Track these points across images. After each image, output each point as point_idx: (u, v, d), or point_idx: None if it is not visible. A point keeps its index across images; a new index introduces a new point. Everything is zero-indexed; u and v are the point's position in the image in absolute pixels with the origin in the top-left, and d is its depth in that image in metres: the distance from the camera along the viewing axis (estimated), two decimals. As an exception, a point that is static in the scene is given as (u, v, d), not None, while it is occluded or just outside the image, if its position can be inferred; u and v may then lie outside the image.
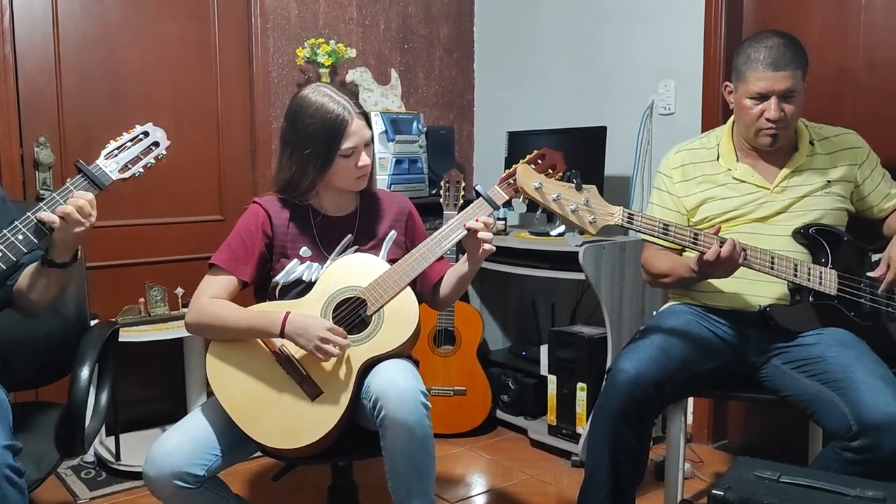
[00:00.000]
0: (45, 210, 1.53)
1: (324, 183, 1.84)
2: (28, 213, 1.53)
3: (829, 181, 2.01)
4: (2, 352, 1.57)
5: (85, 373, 1.74)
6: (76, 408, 1.71)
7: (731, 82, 2.03)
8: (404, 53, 3.59)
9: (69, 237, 1.54)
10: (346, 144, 1.78)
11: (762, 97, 1.93)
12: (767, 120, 1.93)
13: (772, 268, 1.86)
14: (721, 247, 1.78)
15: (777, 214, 2.00)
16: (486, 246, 1.78)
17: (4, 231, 1.52)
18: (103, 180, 1.59)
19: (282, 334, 1.70)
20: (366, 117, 1.84)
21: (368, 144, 1.84)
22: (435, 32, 3.69)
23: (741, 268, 1.83)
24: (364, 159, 1.81)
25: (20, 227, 1.53)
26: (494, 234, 3.05)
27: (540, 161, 1.87)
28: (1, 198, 1.74)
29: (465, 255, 1.85)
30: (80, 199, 1.53)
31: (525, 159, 1.88)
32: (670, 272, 2.02)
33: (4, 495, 1.41)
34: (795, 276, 1.88)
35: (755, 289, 1.97)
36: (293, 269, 1.84)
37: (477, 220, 1.78)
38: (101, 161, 1.60)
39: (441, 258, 1.87)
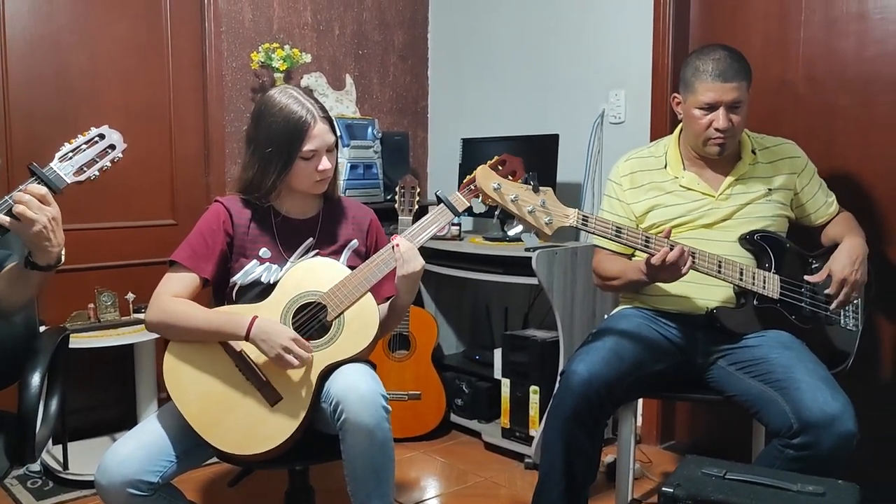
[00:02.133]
0: None
1: (285, 185, 1.84)
2: (-21, 218, 1.50)
3: (770, 189, 2.09)
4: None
5: (36, 379, 1.71)
6: (27, 415, 1.68)
7: (679, 94, 2.09)
8: (359, 59, 3.60)
9: (29, 236, 1.50)
10: (307, 147, 1.79)
11: (710, 107, 1.99)
12: (716, 129, 2.00)
13: (719, 271, 1.94)
14: (671, 250, 1.84)
15: (722, 221, 2.07)
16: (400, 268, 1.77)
17: (-45, 235, 1.49)
18: (57, 183, 1.56)
19: (247, 338, 1.70)
20: (330, 122, 1.85)
21: (331, 150, 1.85)
22: (389, 39, 3.71)
23: (690, 272, 1.89)
24: (325, 163, 1.82)
25: (-28, 230, 1.49)
26: (449, 238, 3.13)
27: (501, 167, 1.90)
28: None
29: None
30: (24, 196, 1.48)
31: (486, 164, 1.90)
32: (620, 275, 2.07)
33: (-47, 505, 1.38)
34: (741, 279, 1.96)
35: (702, 292, 2.04)
36: (252, 270, 1.83)
37: (396, 246, 1.77)
38: (54, 163, 1.57)
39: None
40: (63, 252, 1.58)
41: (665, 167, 2.15)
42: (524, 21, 3.39)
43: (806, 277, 2.05)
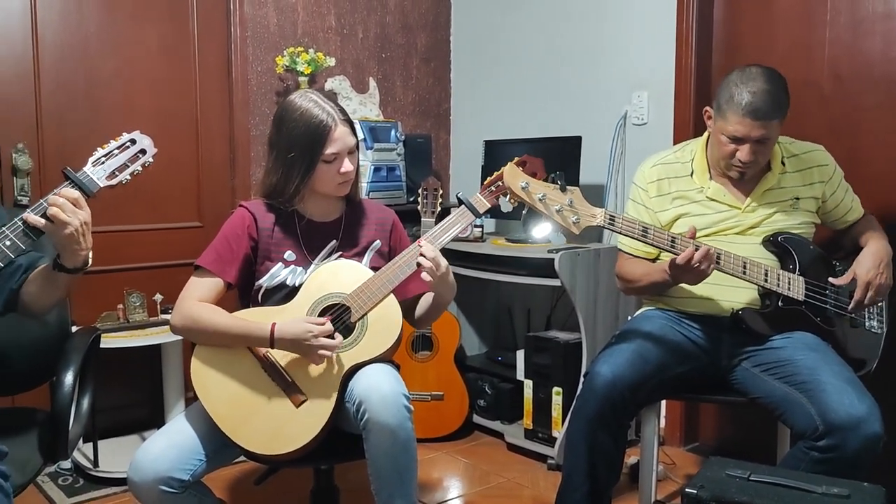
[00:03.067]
0: (30, 214, 1.54)
1: (308, 188, 1.87)
2: (15, 219, 1.54)
3: (797, 198, 2.08)
4: (-16, 357, 1.58)
5: (69, 378, 1.75)
6: (60, 413, 1.72)
7: (711, 108, 2.05)
8: (382, 62, 3.63)
9: (61, 238, 1.54)
10: (329, 150, 1.81)
11: (737, 140, 1.96)
12: (739, 160, 1.97)
13: (744, 273, 1.93)
14: (696, 251, 1.84)
15: (749, 229, 2.06)
16: (427, 277, 1.78)
17: (-8, 237, 1.53)
18: (91, 187, 1.60)
19: (272, 346, 1.73)
20: (350, 125, 1.87)
21: (353, 152, 1.87)
22: (412, 42, 3.73)
23: (714, 273, 1.89)
24: (346, 166, 1.84)
25: (7, 232, 1.53)
26: (471, 240, 3.14)
27: (521, 168, 1.91)
28: None
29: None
30: (59, 199, 1.52)
31: (507, 166, 1.91)
32: (643, 277, 2.07)
33: (-10, 499, 1.42)
34: (766, 281, 1.95)
35: (727, 294, 2.03)
36: (277, 273, 1.86)
37: (421, 255, 1.77)
38: (88, 168, 1.61)
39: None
40: (90, 255, 1.62)
41: (691, 175, 2.13)
42: (546, 22, 3.40)
43: (831, 280, 2.04)
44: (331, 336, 1.73)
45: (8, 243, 1.53)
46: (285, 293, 1.85)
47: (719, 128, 1.98)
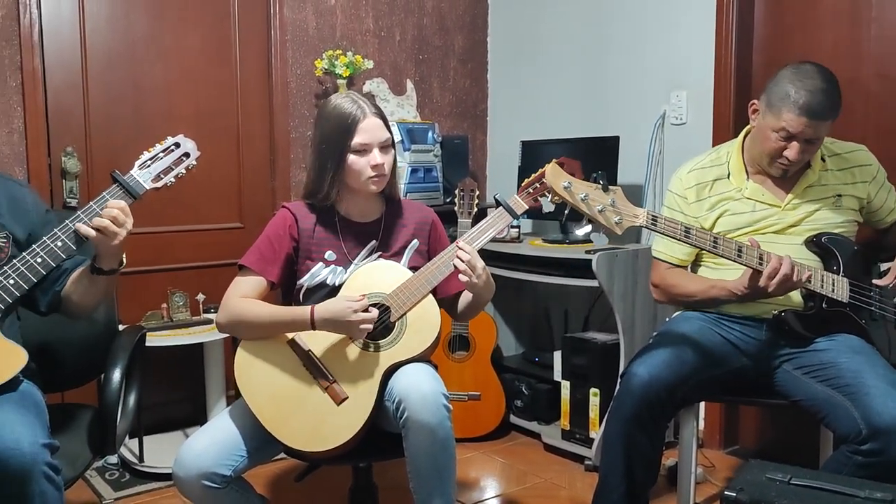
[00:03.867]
0: (83, 219, 1.59)
1: (344, 185, 1.89)
2: (67, 221, 1.60)
3: (839, 195, 2.05)
4: (37, 354, 1.63)
5: (117, 375, 1.81)
6: (109, 409, 1.77)
7: (758, 102, 2.02)
8: (419, 64, 3.66)
9: (108, 247, 1.61)
10: (357, 139, 1.83)
11: (787, 137, 1.93)
12: (786, 157, 1.95)
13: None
14: (781, 264, 1.81)
15: (790, 227, 2.04)
16: (464, 278, 1.79)
17: (45, 238, 1.59)
18: (137, 190, 1.65)
19: (313, 327, 1.76)
20: (383, 120, 1.89)
21: (387, 147, 1.88)
22: (449, 43, 3.75)
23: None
24: (377, 158, 1.85)
25: (59, 233, 1.59)
26: (508, 241, 3.15)
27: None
28: (44, 209, 1.82)
29: None
30: (112, 210, 1.60)
31: (545, 167, 1.91)
32: (701, 292, 2.03)
33: (43, 492, 1.47)
34: (809, 283, 1.93)
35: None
36: (318, 273, 1.89)
37: (457, 258, 1.79)
38: (135, 171, 1.67)
39: None
40: (125, 256, 1.68)
41: (728, 177, 2.10)
42: (583, 22, 3.39)
43: (875, 281, 2.00)
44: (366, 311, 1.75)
45: (59, 244, 1.59)
46: (326, 292, 1.88)
47: (768, 124, 1.95)
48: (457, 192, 2.84)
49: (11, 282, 1.56)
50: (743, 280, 1.90)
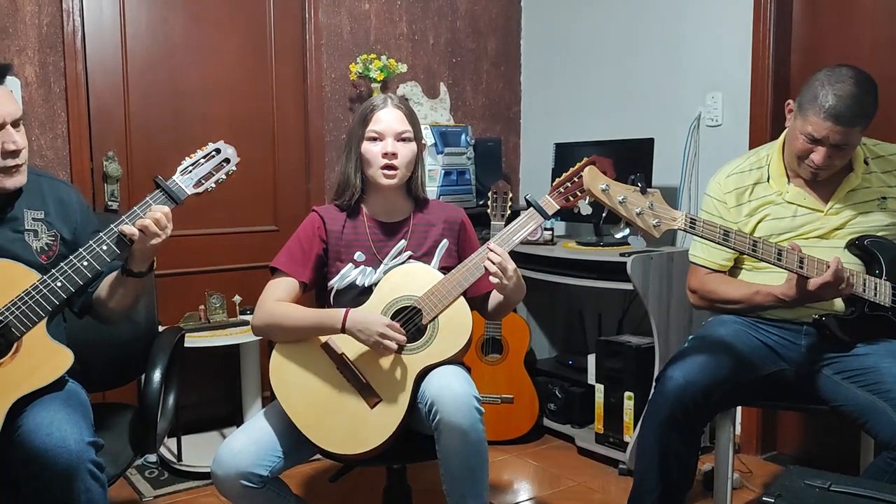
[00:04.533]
0: (127, 223, 1.63)
1: (368, 182, 1.93)
2: (111, 226, 1.64)
3: (883, 198, 2.01)
4: (81, 354, 1.68)
5: (157, 375, 1.85)
6: (149, 408, 1.81)
7: (793, 102, 1.99)
8: (453, 67, 3.67)
9: (147, 248, 1.65)
10: (372, 126, 1.89)
11: (815, 141, 1.90)
12: (813, 161, 1.92)
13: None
14: (828, 269, 1.78)
15: (833, 231, 2.00)
16: (494, 280, 1.78)
17: (90, 242, 1.64)
18: (179, 195, 1.69)
19: (343, 329, 1.78)
20: (409, 114, 1.92)
21: (405, 140, 1.90)
22: (483, 46, 3.76)
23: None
24: (389, 147, 1.87)
25: (104, 237, 1.63)
26: (541, 243, 3.14)
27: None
28: (86, 207, 1.86)
29: None
30: (157, 213, 1.64)
31: (576, 167, 1.90)
32: (746, 299, 2.00)
33: (87, 489, 1.50)
34: (860, 289, 1.89)
35: (809, 299, 1.97)
36: (347, 274, 1.91)
37: (488, 260, 1.78)
38: (177, 177, 1.71)
39: None
40: (155, 261, 1.72)
41: (768, 180, 2.07)
42: (617, 24, 3.37)
43: (918, 285, 1.96)
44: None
45: (104, 248, 1.63)
46: (356, 293, 1.90)
47: (798, 125, 1.93)
48: (490, 194, 2.85)
49: (59, 284, 1.60)
50: (790, 285, 1.86)
